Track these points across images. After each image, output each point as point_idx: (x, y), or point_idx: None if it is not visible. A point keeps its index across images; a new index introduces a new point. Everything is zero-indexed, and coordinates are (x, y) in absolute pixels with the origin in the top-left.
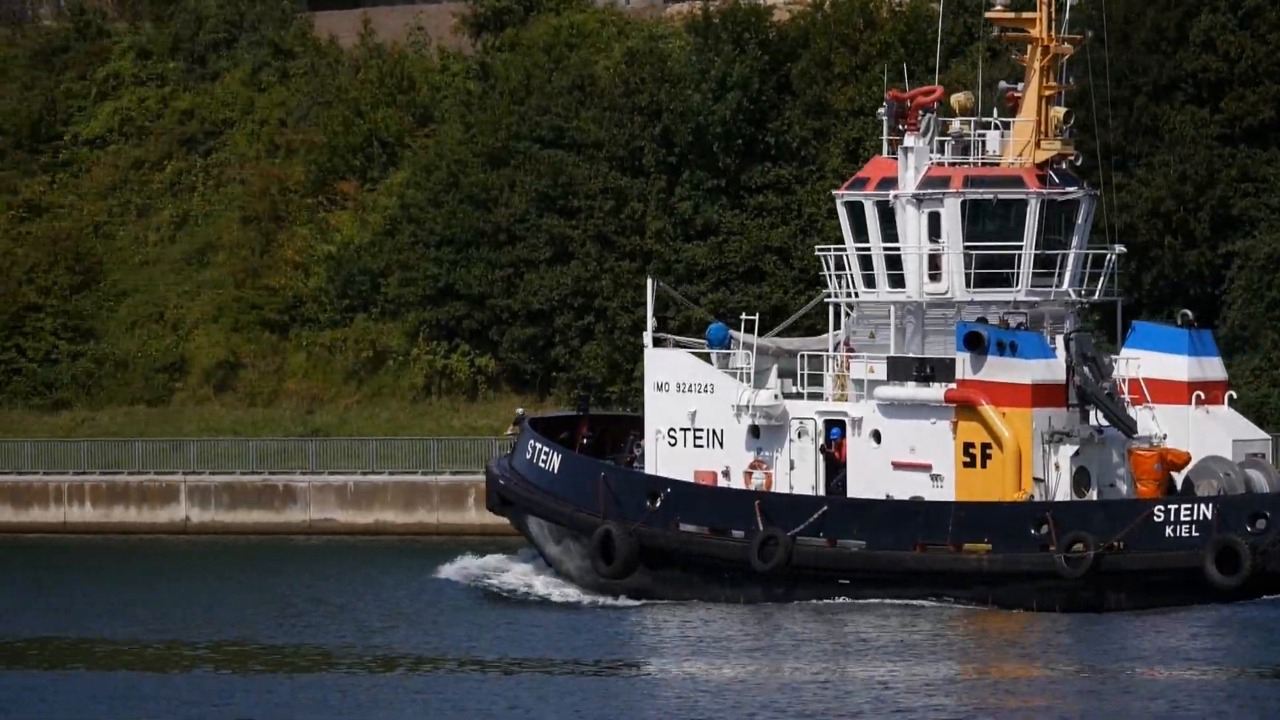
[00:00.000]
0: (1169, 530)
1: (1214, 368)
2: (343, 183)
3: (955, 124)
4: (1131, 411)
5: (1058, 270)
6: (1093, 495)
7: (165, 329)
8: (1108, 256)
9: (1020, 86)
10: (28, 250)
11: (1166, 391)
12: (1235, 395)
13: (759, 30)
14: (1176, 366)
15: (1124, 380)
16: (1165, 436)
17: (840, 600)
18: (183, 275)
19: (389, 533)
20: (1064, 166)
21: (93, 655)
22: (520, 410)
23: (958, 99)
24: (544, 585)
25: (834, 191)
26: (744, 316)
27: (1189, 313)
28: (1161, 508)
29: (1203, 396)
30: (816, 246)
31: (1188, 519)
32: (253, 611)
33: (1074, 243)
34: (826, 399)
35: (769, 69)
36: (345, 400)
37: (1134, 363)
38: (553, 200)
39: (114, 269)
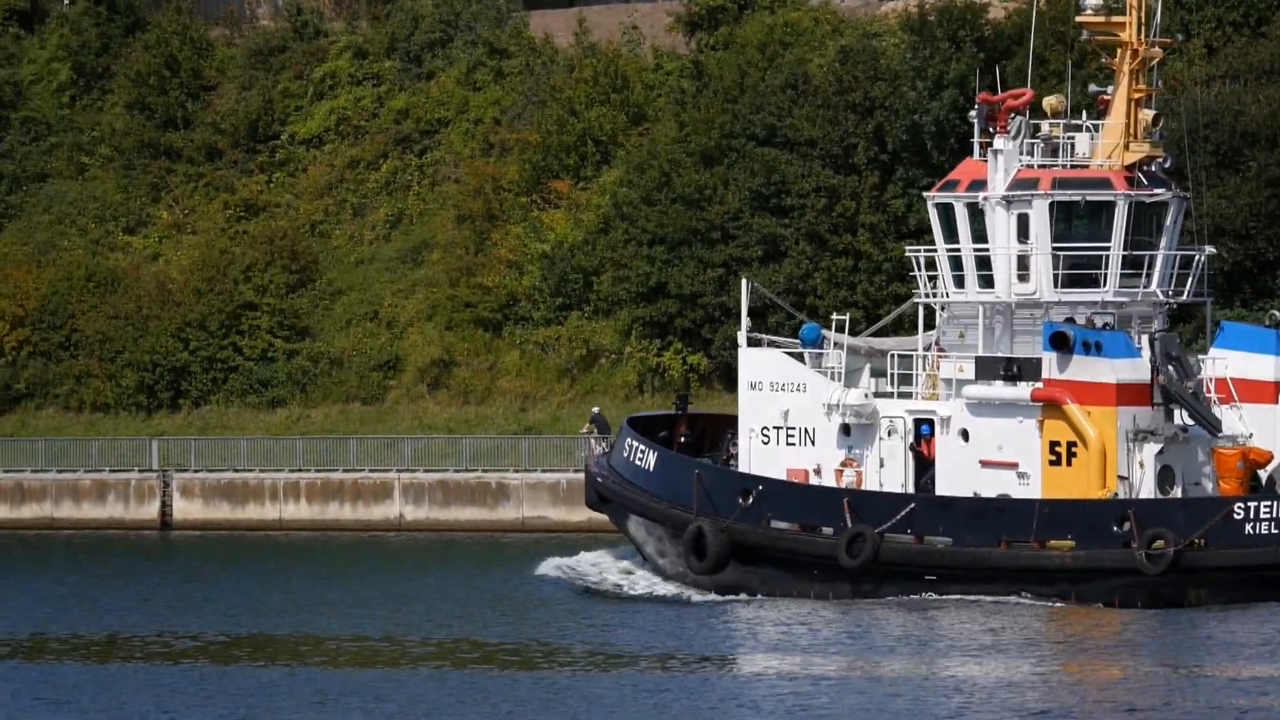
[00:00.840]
0: (1249, 528)
1: None
2: (556, 181)
3: (1044, 127)
4: (1217, 410)
5: (1145, 271)
6: (1177, 493)
7: (380, 327)
8: (1196, 258)
9: (1110, 89)
10: (245, 249)
11: (1254, 391)
12: None
13: (974, 28)
14: (1264, 366)
15: (1211, 380)
16: (1251, 435)
17: (926, 596)
18: (397, 274)
19: (600, 530)
20: (1153, 168)
21: (323, 652)
22: (596, 409)
23: (1049, 102)
24: (642, 581)
25: (925, 193)
26: (834, 317)
27: (1277, 313)
28: (1241, 505)
29: None
30: (907, 247)
31: (1267, 516)
32: (478, 608)
33: (1162, 244)
34: (916, 398)
35: (984, 66)
36: (558, 398)
37: (1222, 362)
38: (765, 199)
39: (330, 267)
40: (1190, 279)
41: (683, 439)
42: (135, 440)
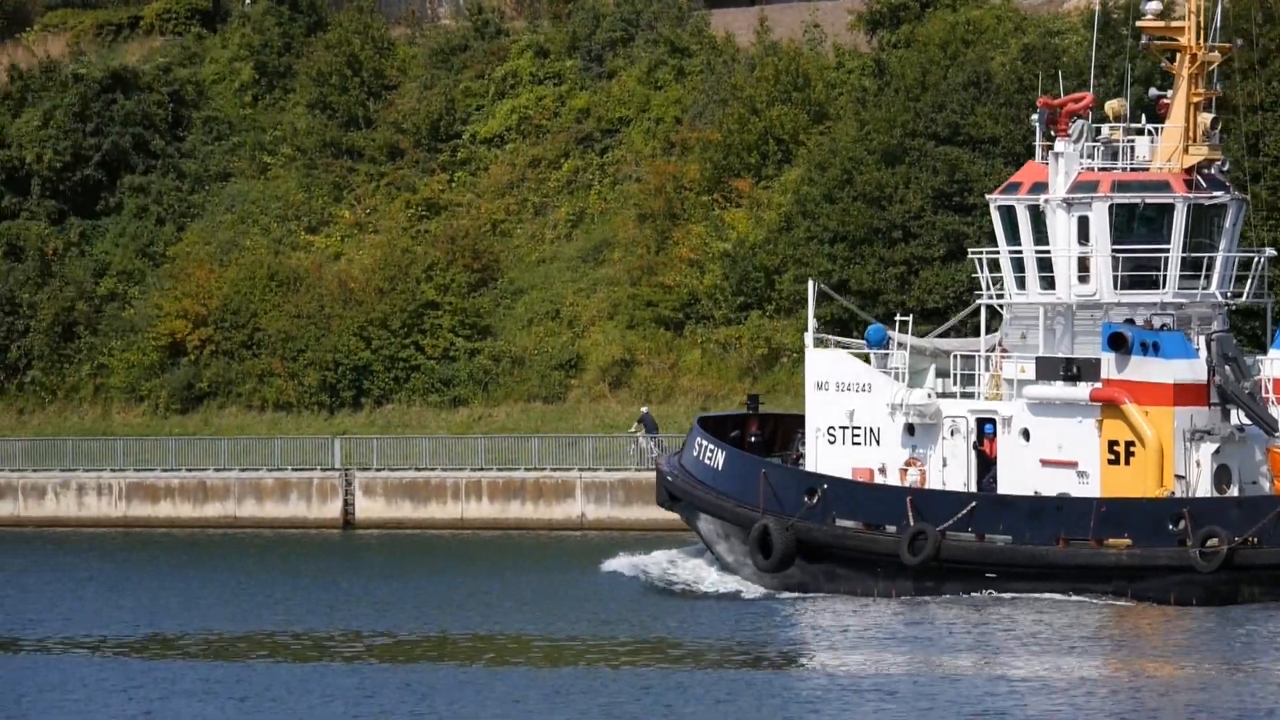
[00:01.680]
0: None
1: None
2: (737, 180)
3: (1105, 130)
4: (1275, 410)
5: (1204, 273)
6: (1234, 492)
7: (561, 326)
8: (1256, 259)
9: (1170, 93)
10: (426, 248)
11: None
12: None
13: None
14: None
15: (1269, 380)
16: None
17: (986, 594)
18: (578, 273)
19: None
20: (1212, 171)
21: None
22: (645, 409)
23: (1111, 106)
24: (713, 579)
25: (987, 196)
26: (898, 317)
27: None
28: None
29: None
30: (970, 250)
31: None
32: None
33: (1221, 246)
34: (978, 398)
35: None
36: (739, 397)
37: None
38: (948, 197)
39: (510, 267)
40: (1250, 280)
41: (753, 438)
42: (317, 439)
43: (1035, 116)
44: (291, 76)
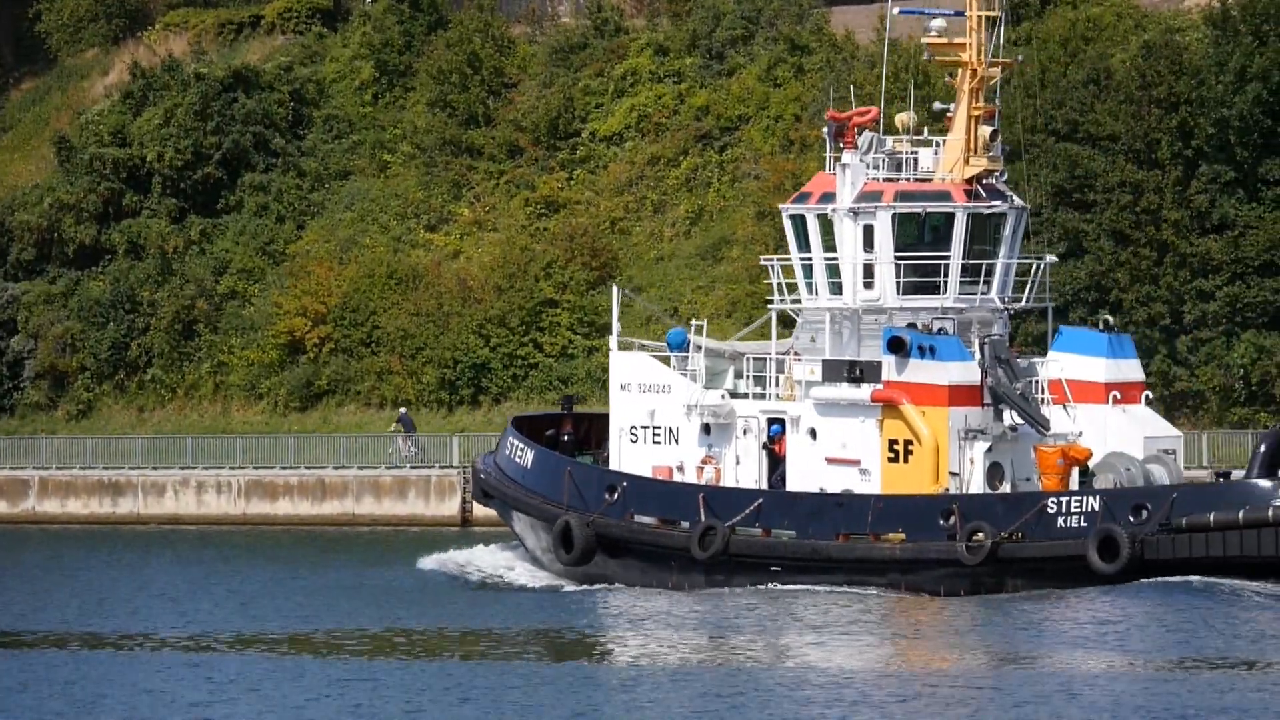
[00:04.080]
0: (1060, 521)
1: (1131, 369)
2: None
3: (889, 142)
4: (1046, 410)
5: (984, 279)
6: (1006, 488)
7: (680, 324)
8: (1035, 265)
9: (952, 107)
10: (545, 246)
11: (1086, 391)
12: (1151, 395)
13: (1279, 21)
14: (1095, 368)
15: (1046, 380)
16: (1080, 434)
17: (772, 586)
18: (697, 270)
19: None
20: (992, 181)
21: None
22: (403, 409)
23: (901, 118)
24: (520, 572)
25: (780, 205)
26: (694, 321)
27: (1110, 318)
28: (1054, 500)
29: (1119, 396)
30: (761, 257)
31: (1077, 510)
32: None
33: (1001, 253)
34: (769, 398)
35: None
36: None
37: (1057, 365)
38: (1067, 194)
39: (629, 265)
40: (1029, 286)
41: (565, 437)
42: (436, 437)
43: (825, 130)
44: (412, 75)
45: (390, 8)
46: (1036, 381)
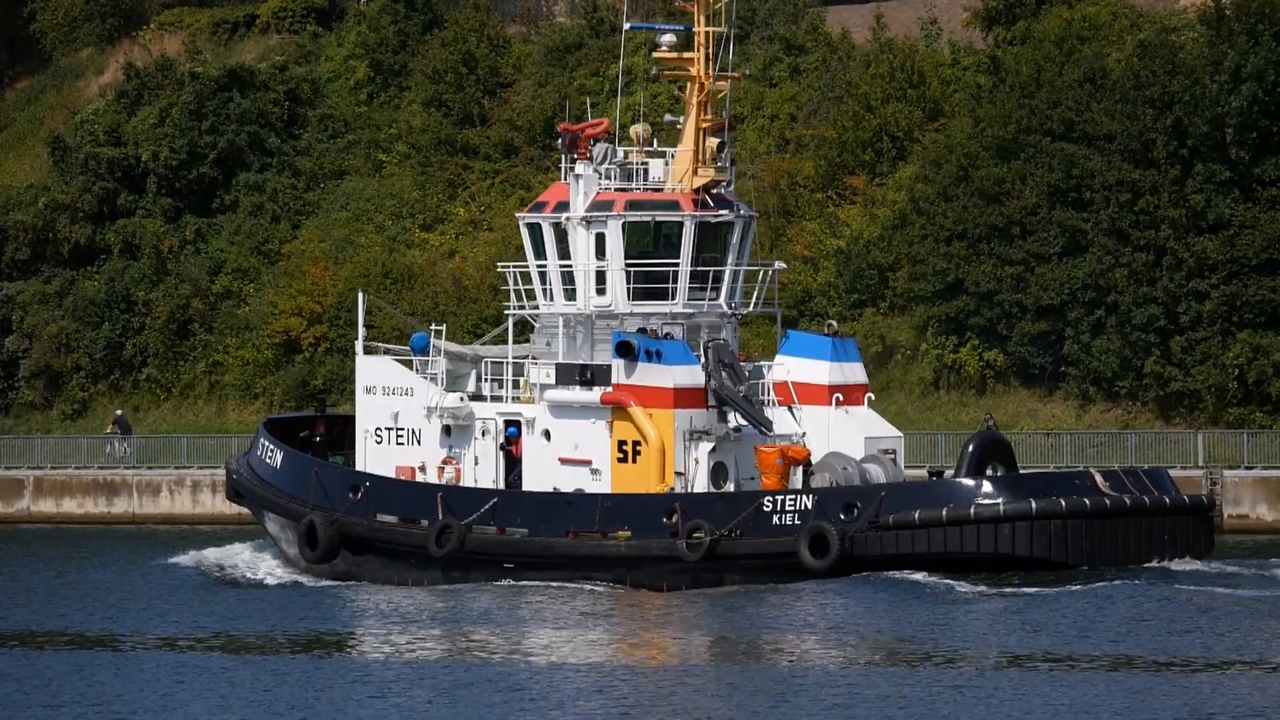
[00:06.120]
0: (775, 519)
1: (854, 372)
2: (852, 177)
3: (620, 153)
4: (770, 411)
5: (712, 285)
6: (730, 488)
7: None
8: (762, 272)
9: (681, 119)
10: None
11: (811, 394)
12: (873, 397)
13: (1274, 21)
14: (819, 371)
15: (772, 383)
16: (804, 434)
17: (506, 583)
18: None
19: None
20: (721, 191)
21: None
22: (119, 411)
23: (635, 130)
24: (270, 569)
25: (517, 214)
26: (433, 326)
27: (834, 323)
28: (770, 499)
29: (842, 399)
30: (499, 264)
31: (791, 509)
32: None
33: (729, 260)
34: (506, 401)
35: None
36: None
37: (783, 368)
38: (1064, 193)
39: None
40: (758, 291)
41: (317, 439)
42: None
43: (559, 141)
44: (407, 74)
45: (385, 7)
46: (762, 384)
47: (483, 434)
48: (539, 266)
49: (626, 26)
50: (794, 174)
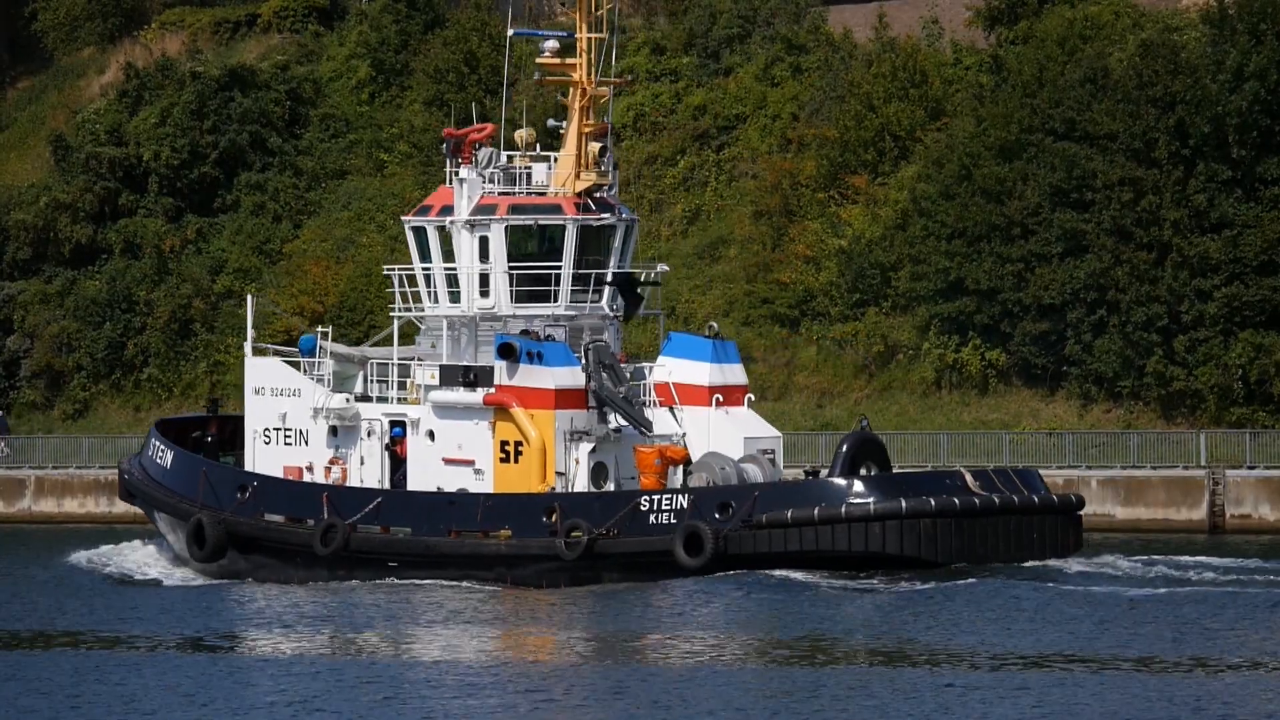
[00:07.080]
0: (652, 518)
1: (735, 374)
2: (854, 177)
3: (503, 157)
4: (650, 412)
5: (595, 287)
6: (610, 487)
7: (677, 323)
8: (645, 274)
9: (564, 124)
10: None
11: (692, 394)
12: (754, 398)
13: (1276, 20)
14: (700, 372)
15: (654, 384)
16: (685, 435)
17: (390, 581)
18: (694, 270)
19: None
20: (604, 195)
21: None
22: (1, 413)
23: (521, 135)
24: (159, 568)
25: (403, 218)
26: (319, 329)
27: (715, 325)
28: (647, 498)
29: (722, 399)
30: (384, 267)
31: (667, 508)
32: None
33: (611, 263)
34: (392, 402)
35: None
36: (855, 394)
37: (664, 369)
38: (1066, 193)
39: None
40: (643, 293)
41: (209, 439)
42: None
43: (444, 146)
44: (408, 74)
45: (387, 6)
46: (643, 385)
47: (368, 434)
48: (424, 269)
49: (511, 33)
50: (796, 174)
